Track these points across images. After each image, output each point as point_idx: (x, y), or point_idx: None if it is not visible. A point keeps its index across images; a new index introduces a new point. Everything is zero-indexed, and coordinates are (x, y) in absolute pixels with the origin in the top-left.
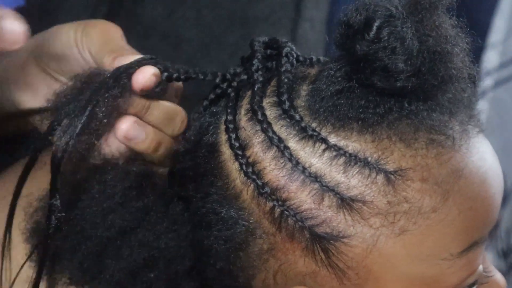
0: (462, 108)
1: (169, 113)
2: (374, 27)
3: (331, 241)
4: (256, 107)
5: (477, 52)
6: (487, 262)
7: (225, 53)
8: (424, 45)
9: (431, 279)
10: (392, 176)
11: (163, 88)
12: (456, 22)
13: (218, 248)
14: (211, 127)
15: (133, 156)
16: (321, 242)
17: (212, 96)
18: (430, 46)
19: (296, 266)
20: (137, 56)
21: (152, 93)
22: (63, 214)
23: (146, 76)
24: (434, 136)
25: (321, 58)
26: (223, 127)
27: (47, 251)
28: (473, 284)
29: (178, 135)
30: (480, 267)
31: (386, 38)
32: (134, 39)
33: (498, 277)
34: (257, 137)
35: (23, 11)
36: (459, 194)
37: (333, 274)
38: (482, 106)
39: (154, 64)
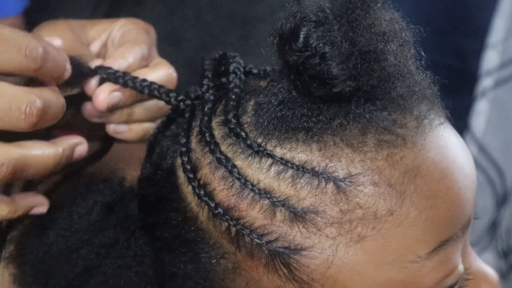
0: (417, 102)
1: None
2: (301, 36)
3: (291, 255)
4: (204, 128)
5: (477, 52)
6: (471, 261)
7: None
8: (356, 46)
9: (402, 283)
10: (342, 184)
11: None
12: (393, 16)
13: (184, 271)
14: (170, 150)
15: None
16: (280, 257)
17: (170, 115)
18: (362, 46)
19: (262, 283)
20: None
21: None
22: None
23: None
24: (384, 136)
25: (276, 68)
26: (179, 150)
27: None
28: (454, 285)
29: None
30: (461, 267)
31: (314, 45)
32: None
33: (488, 272)
34: (206, 159)
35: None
36: (416, 193)
37: (298, 287)
38: (482, 106)
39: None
